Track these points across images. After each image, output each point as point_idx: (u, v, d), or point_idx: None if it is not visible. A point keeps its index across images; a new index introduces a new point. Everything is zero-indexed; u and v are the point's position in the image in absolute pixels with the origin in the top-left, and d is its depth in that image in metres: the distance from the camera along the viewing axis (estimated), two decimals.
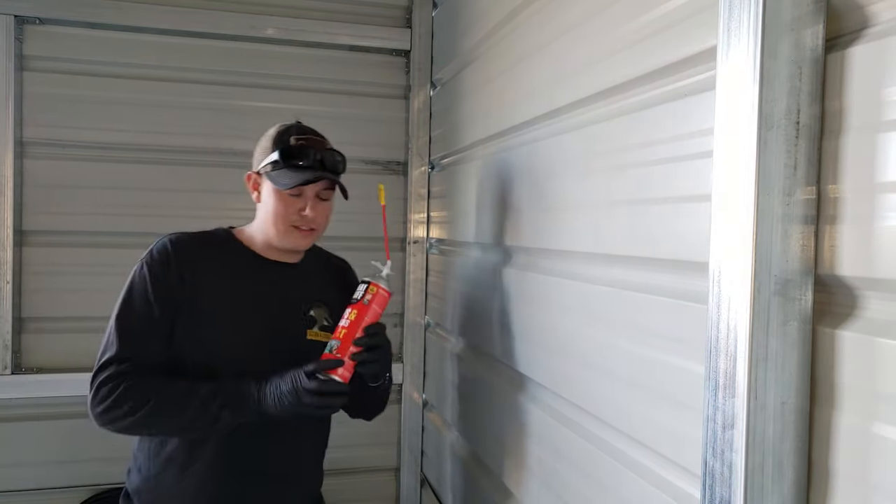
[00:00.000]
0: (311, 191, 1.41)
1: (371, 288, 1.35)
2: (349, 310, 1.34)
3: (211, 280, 1.39)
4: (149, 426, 1.33)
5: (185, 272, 1.37)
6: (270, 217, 1.41)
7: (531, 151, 1.48)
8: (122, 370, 1.31)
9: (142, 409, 1.28)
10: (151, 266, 1.37)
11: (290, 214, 1.40)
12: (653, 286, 1.02)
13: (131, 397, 1.29)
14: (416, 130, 2.44)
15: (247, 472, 1.40)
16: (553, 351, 1.34)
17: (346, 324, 1.32)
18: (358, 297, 1.34)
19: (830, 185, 0.70)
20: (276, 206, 1.40)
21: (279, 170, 1.39)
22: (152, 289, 1.35)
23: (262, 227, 1.45)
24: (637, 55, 1.05)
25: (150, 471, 1.40)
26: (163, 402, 1.30)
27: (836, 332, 0.70)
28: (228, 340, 1.37)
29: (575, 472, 1.24)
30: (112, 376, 1.30)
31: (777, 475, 0.71)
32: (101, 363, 1.32)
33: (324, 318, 1.48)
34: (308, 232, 1.43)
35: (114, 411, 1.29)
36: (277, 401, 1.28)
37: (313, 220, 1.41)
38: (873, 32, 0.68)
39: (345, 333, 1.31)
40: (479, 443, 1.81)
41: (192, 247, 1.41)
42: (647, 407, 1.01)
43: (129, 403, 1.28)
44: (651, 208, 1.02)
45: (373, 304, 1.33)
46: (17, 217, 2.15)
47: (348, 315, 1.33)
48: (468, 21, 1.97)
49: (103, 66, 2.22)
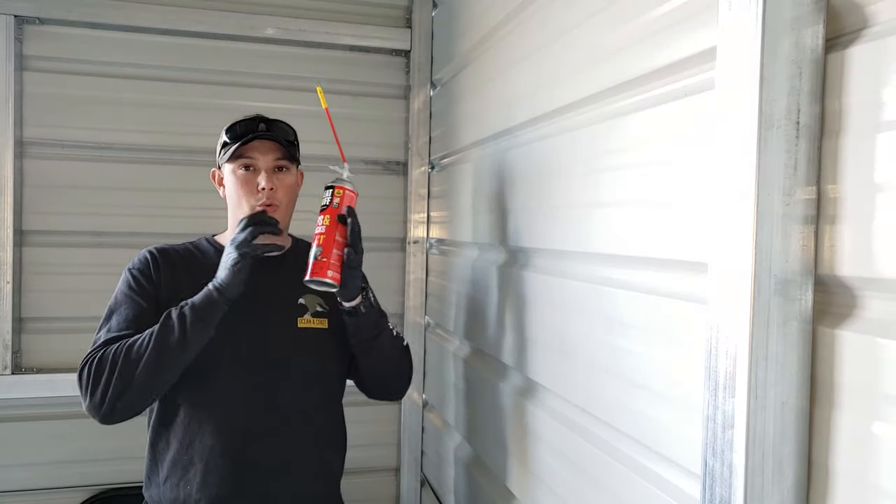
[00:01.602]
0: (261, 162, 1.43)
1: (337, 191, 1.35)
2: (321, 216, 1.34)
3: (191, 281, 1.39)
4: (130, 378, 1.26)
5: (164, 275, 1.41)
6: (235, 202, 1.45)
7: (531, 151, 1.48)
8: (93, 351, 1.31)
9: (116, 366, 1.26)
10: (133, 271, 1.42)
11: (250, 192, 1.42)
12: (653, 286, 1.02)
13: (104, 364, 1.27)
14: (416, 130, 2.44)
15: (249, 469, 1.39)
16: (553, 351, 1.34)
17: (322, 230, 1.33)
18: (327, 203, 1.35)
19: (830, 185, 0.70)
20: (235, 189, 1.43)
21: (228, 148, 1.43)
22: (136, 286, 1.39)
23: (232, 218, 1.47)
24: (637, 55, 1.05)
25: (160, 477, 1.40)
26: (129, 346, 1.28)
27: (836, 332, 0.70)
28: (220, 338, 1.36)
29: (574, 471, 1.24)
30: (84, 362, 1.30)
31: (777, 475, 0.71)
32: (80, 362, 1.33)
33: (316, 305, 1.49)
34: (271, 208, 1.42)
35: (97, 388, 1.26)
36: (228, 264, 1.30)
37: (272, 194, 1.42)
38: (873, 32, 0.68)
39: (324, 239, 1.32)
40: (480, 443, 1.81)
41: (171, 253, 1.45)
42: (647, 407, 1.01)
43: (105, 370, 1.26)
44: (651, 208, 1.02)
45: (343, 206, 1.35)
46: (17, 217, 2.15)
47: (322, 221, 1.34)
48: (468, 21, 1.97)
49: (103, 66, 2.22)
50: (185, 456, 1.37)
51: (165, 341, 1.28)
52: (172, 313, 1.30)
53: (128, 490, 2.20)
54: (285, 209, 1.46)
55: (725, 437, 0.72)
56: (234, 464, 1.38)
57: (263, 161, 1.43)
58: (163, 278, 1.41)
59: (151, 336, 1.28)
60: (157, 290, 1.40)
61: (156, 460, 1.41)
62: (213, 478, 1.37)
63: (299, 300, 1.48)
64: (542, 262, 1.44)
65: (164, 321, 1.29)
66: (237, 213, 1.44)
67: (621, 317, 1.09)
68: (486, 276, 1.75)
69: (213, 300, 1.30)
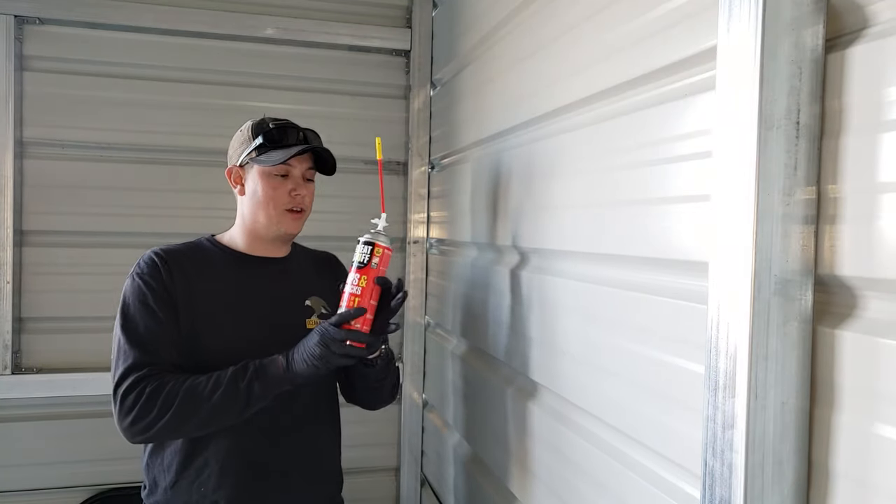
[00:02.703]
0: (297, 171, 1.44)
1: (377, 250, 1.33)
2: (357, 274, 1.32)
3: (201, 284, 1.39)
4: (182, 423, 1.28)
5: (177, 279, 1.38)
6: (261, 203, 1.43)
7: (532, 151, 1.48)
8: (143, 375, 1.28)
9: (172, 406, 1.26)
10: (144, 276, 1.37)
11: (282, 196, 1.42)
12: (653, 286, 1.02)
13: (158, 398, 1.26)
14: (416, 130, 2.44)
15: (264, 469, 1.40)
16: (553, 351, 1.34)
17: (357, 291, 1.30)
18: (365, 262, 1.32)
19: (830, 185, 0.70)
20: (265, 191, 1.42)
21: (266, 152, 1.41)
22: (151, 295, 1.35)
23: (249, 219, 1.46)
24: (637, 55, 1.05)
25: (167, 481, 1.39)
26: (191, 394, 1.27)
27: (836, 332, 0.70)
28: (228, 341, 1.38)
29: (574, 471, 1.24)
30: (133, 384, 1.28)
31: (777, 475, 0.71)
32: (119, 375, 1.29)
33: (321, 307, 1.49)
34: (299, 214, 1.45)
35: (144, 418, 1.26)
36: (308, 357, 1.27)
37: (302, 199, 1.44)
38: (873, 32, 0.68)
39: (358, 302, 1.30)
40: (480, 443, 1.81)
41: (178, 255, 1.42)
42: (648, 407, 1.01)
43: (157, 405, 1.26)
44: (651, 208, 1.02)
45: (380, 266, 1.33)
46: (17, 217, 2.15)
47: (358, 281, 1.31)
48: (468, 21, 1.97)
49: (103, 66, 2.22)
50: (198, 458, 1.37)
51: (226, 406, 1.27)
52: (240, 380, 1.28)
53: (128, 490, 2.20)
54: (308, 214, 1.49)
55: (725, 437, 0.72)
56: (250, 464, 1.38)
57: (299, 169, 1.45)
58: (175, 281, 1.37)
59: (214, 393, 1.27)
60: (173, 296, 1.36)
61: (161, 466, 1.40)
62: (229, 478, 1.37)
63: (306, 302, 1.49)
64: (542, 261, 1.44)
65: (231, 384, 1.27)
66: (261, 209, 1.43)
67: (621, 316, 1.09)
68: (486, 276, 1.75)
69: (281, 381, 1.29)
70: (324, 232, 2.14)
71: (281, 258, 1.51)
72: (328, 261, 1.64)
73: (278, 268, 1.49)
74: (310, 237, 1.65)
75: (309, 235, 1.64)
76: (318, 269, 1.58)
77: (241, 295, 1.43)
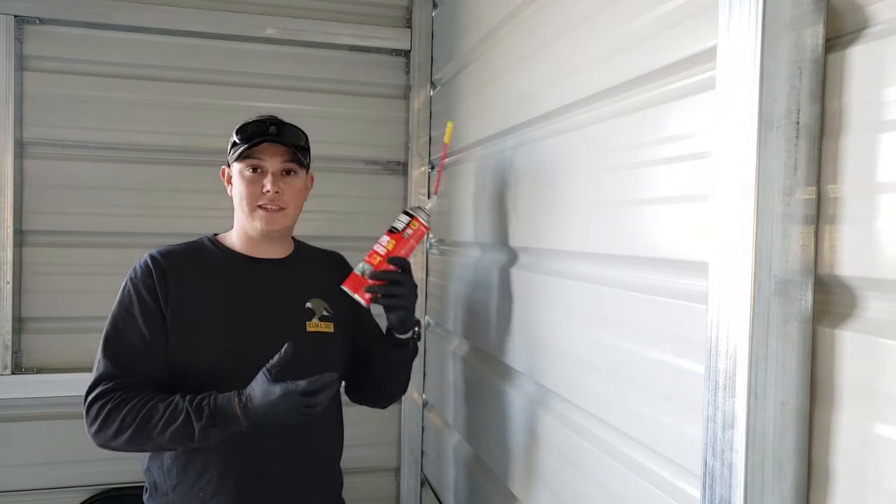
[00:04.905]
0: (270, 166, 1.42)
1: (413, 223, 1.37)
2: (387, 237, 1.36)
3: (199, 286, 1.39)
4: (138, 446, 1.30)
5: (172, 283, 1.37)
6: (238, 202, 1.44)
7: (531, 151, 1.48)
8: (110, 388, 1.30)
9: (128, 429, 1.27)
10: (136, 282, 1.38)
11: (253, 193, 1.41)
12: (653, 286, 1.02)
13: (118, 416, 1.28)
14: (416, 130, 2.44)
15: (264, 473, 1.39)
16: (553, 351, 1.34)
17: (382, 251, 1.36)
18: (399, 228, 1.36)
19: (830, 185, 0.70)
20: (237, 188, 1.43)
21: (237, 148, 1.42)
22: (138, 304, 1.36)
23: (236, 218, 1.47)
24: (637, 55, 1.05)
25: (167, 485, 1.39)
26: (146, 421, 1.27)
27: (836, 332, 0.70)
28: (226, 342, 1.37)
29: (575, 471, 1.24)
30: (99, 395, 1.30)
31: (777, 475, 0.71)
32: (90, 383, 1.33)
33: (323, 309, 1.48)
34: (276, 212, 1.42)
35: (104, 431, 1.29)
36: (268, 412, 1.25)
37: (278, 197, 1.41)
38: (873, 32, 0.68)
39: (379, 261, 1.34)
40: (480, 443, 1.81)
41: (176, 258, 1.42)
42: (648, 407, 1.01)
43: (116, 423, 1.28)
44: (651, 208, 1.02)
45: (411, 239, 1.36)
46: (17, 217, 2.15)
47: (386, 244, 1.35)
48: (468, 21, 1.97)
49: (103, 66, 2.22)
50: (197, 463, 1.36)
51: (179, 434, 1.26)
52: (192, 414, 1.25)
53: (128, 490, 2.20)
54: (292, 213, 1.46)
55: (725, 437, 0.72)
56: (249, 468, 1.38)
57: (271, 164, 1.42)
58: (169, 286, 1.37)
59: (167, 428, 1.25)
60: (163, 303, 1.36)
61: (160, 469, 1.39)
62: (228, 482, 1.36)
63: (306, 304, 1.47)
64: (542, 261, 1.44)
65: (186, 417, 1.25)
66: (239, 208, 1.44)
67: (622, 316, 1.09)
68: (486, 276, 1.75)
69: (237, 420, 1.26)
70: (324, 232, 2.14)
71: (281, 259, 1.50)
72: (335, 261, 1.62)
73: (278, 269, 1.48)
74: (310, 237, 1.65)
75: (309, 235, 1.64)
76: (324, 270, 1.55)
77: (239, 297, 1.42)
